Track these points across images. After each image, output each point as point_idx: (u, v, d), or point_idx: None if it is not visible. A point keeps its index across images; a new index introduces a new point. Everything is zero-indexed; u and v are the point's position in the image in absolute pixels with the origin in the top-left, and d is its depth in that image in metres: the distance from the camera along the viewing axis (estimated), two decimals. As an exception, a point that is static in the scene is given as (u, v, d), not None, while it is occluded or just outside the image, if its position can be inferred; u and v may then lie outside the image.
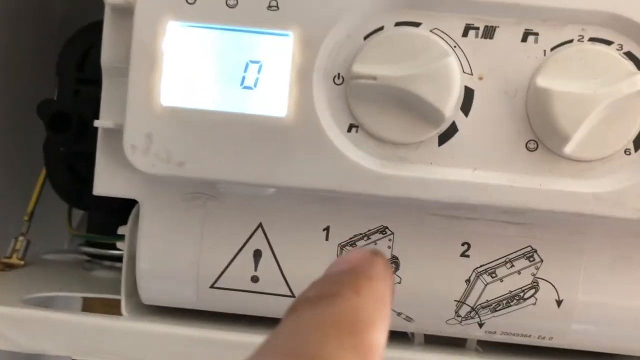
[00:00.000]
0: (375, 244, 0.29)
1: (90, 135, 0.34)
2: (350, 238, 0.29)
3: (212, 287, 0.30)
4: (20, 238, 0.40)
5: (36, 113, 0.36)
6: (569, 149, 0.26)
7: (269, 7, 0.27)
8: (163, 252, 0.30)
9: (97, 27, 0.30)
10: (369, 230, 0.29)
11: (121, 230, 0.32)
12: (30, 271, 0.39)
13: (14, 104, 0.44)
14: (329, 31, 0.27)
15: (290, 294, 0.30)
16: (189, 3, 0.27)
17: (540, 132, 0.26)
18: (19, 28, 0.44)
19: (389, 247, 0.29)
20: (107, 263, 0.43)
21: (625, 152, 0.27)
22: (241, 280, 0.30)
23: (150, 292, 0.31)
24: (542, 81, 0.26)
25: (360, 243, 0.29)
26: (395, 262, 0.29)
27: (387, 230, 0.29)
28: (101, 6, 0.29)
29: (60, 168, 0.38)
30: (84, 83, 0.38)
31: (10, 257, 0.40)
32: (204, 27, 0.27)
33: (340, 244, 0.29)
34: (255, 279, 0.30)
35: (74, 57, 0.39)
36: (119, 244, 0.34)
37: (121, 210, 0.33)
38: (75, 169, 0.38)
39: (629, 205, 0.26)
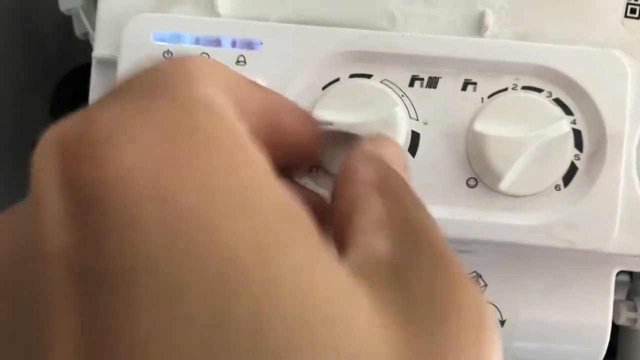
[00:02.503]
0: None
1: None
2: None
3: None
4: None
5: (32, 154, 0.39)
6: (503, 185, 0.29)
7: (238, 61, 0.30)
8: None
9: (87, 69, 0.34)
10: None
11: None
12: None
13: (10, 141, 0.47)
14: (290, 82, 0.30)
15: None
16: (166, 58, 0.30)
17: (478, 170, 0.30)
18: (16, 68, 0.48)
19: (349, 273, 0.32)
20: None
21: (555, 187, 0.30)
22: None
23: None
24: (478, 126, 0.29)
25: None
26: (354, 286, 0.32)
27: (347, 258, 0.33)
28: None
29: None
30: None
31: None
32: (179, 79, 0.30)
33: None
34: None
35: (67, 98, 0.43)
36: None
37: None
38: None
39: (559, 236, 0.29)
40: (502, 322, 0.32)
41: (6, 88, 0.46)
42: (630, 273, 0.37)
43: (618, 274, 0.33)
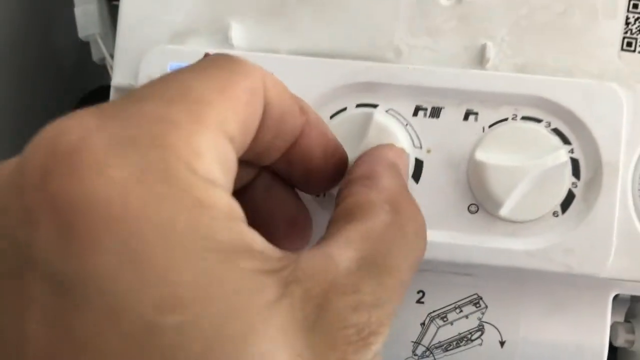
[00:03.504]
0: (343, 291, 0.34)
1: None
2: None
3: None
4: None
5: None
6: (503, 212, 0.30)
7: (249, 91, 0.31)
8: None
9: (104, 91, 0.35)
10: (337, 280, 0.34)
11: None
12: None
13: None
14: (299, 111, 0.31)
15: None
16: (182, 88, 0.32)
17: (479, 197, 0.31)
18: (32, 89, 0.49)
19: (355, 294, 0.34)
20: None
21: (553, 214, 0.31)
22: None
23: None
24: (479, 155, 0.30)
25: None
26: (360, 307, 0.34)
27: (353, 279, 0.34)
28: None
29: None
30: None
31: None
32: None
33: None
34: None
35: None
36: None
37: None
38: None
39: (556, 260, 0.31)
40: (502, 343, 0.33)
41: (21, 109, 0.48)
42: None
43: (617, 296, 0.34)
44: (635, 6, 0.32)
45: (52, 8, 0.50)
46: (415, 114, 0.31)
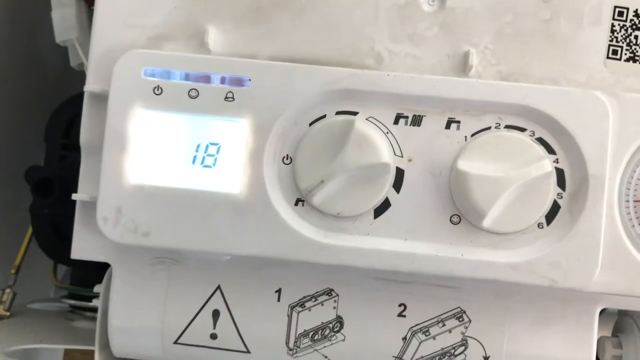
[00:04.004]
0: (322, 305, 0.33)
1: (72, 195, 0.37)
2: (300, 299, 0.33)
3: (175, 342, 0.33)
4: (7, 290, 0.43)
5: (24, 178, 0.39)
6: (486, 223, 0.30)
7: (226, 98, 0.31)
8: (132, 311, 0.33)
9: (82, 98, 0.34)
10: (317, 292, 0.33)
11: (97, 288, 0.35)
12: (16, 322, 0.42)
13: (5, 164, 0.48)
14: (278, 119, 0.30)
15: (245, 350, 0.33)
16: (156, 94, 0.31)
17: (461, 208, 0.30)
18: (13, 95, 0.48)
19: (334, 307, 0.33)
20: (88, 314, 0.46)
21: (538, 225, 0.30)
22: (202, 337, 0.33)
23: (121, 346, 0.34)
24: (461, 164, 0.30)
25: (309, 304, 0.33)
26: (340, 321, 0.33)
27: (332, 292, 0.33)
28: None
29: (45, 228, 0.42)
30: (69, 149, 0.42)
31: (-4, 309, 0.43)
32: (168, 113, 0.31)
33: (290, 304, 0.33)
34: (214, 336, 0.33)
35: (61, 125, 0.43)
36: (95, 301, 0.37)
37: (101, 265, 0.37)
38: (59, 229, 0.42)
39: (541, 273, 0.30)
40: (486, 358, 0.32)
41: (2, 114, 0.47)
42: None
43: (604, 309, 0.33)
44: (620, 14, 0.32)
45: (34, 12, 0.49)
46: (396, 122, 0.31)
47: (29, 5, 0.48)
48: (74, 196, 0.32)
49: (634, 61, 0.32)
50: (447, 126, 0.30)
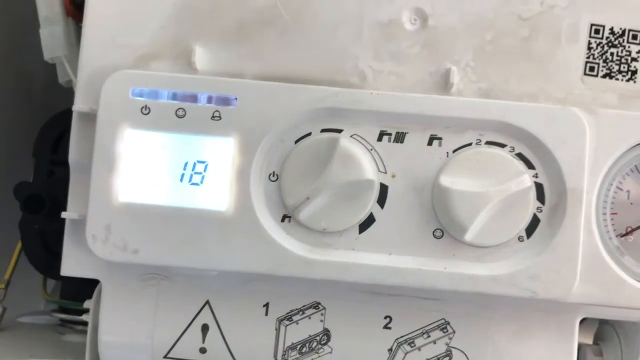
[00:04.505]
0: (310, 318, 0.33)
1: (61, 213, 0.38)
2: (287, 313, 0.33)
3: (165, 357, 0.34)
4: (-3, 305, 0.43)
5: (13, 194, 0.40)
6: (468, 237, 0.30)
7: (213, 117, 0.31)
8: (122, 326, 0.34)
9: (71, 113, 0.34)
10: (304, 306, 0.33)
11: (87, 304, 0.36)
12: (6, 336, 0.43)
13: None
14: (264, 137, 0.31)
15: (234, 363, 0.34)
16: (144, 113, 0.31)
17: (444, 222, 0.31)
18: (3, 111, 0.48)
19: (321, 320, 0.33)
20: (79, 327, 0.46)
21: (519, 239, 0.31)
22: (191, 352, 0.33)
23: (111, 361, 0.35)
24: (444, 180, 0.30)
25: (296, 317, 0.33)
26: (327, 334, 0.33)
27: (319, 305, 0.33)
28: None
29: (35, 243, 0.42)
30: (58, 164, 0.43)
31: (-14, 324, 0.43)
32: (156, 133, 0.31)
33: (278, 318, 0.33)
34: (203, 351, 0.33)
35: (50, 140, 0.43)
36: (84, 316, 0.37)
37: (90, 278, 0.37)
38: (48, 244, 0.42)
39: (522, 285, 0.31)
40: (470, 369, 0.33)
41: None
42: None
43: (585, 318, 0.34)
44: (597, 31, 0.33)
45: (20, 29, 0.49)
46: (379, 139, 0.31)
47: (16, 23, 0.49)
48: (64, 214, 0.33)
49: (610, 77, 0.33)
50: (430, 143, 0.31)
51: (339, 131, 0.31)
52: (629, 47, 0.32)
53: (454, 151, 0.31)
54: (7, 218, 0.46)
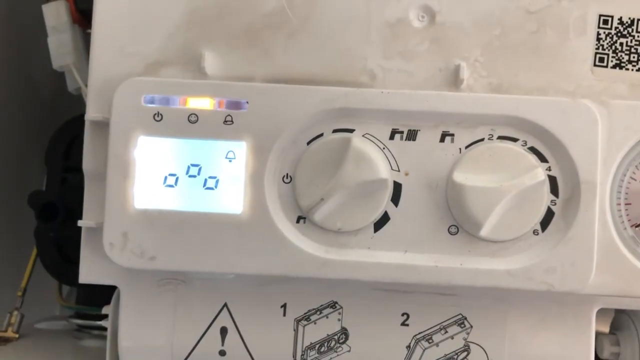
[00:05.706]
0: (327, 317, 0.33)
1: (76, 220, 0.38)
2: (305, 313, 0.34)
3: (185, 360, 0.34)
4: (15, 312, 0.44)
5: (27, 203, 0.40)
6: (483, 232, 0.30)
7: (225, 121, 0.31)
8: (141, 331, 0.34)
9: (81, 119, 0.34)
10: (321, 306, 0.34)
11: (105, 310, 0.36)
12: (25, 344, 0.43)
13: (6, 189, 0.48)
14: (276, 139, 0.31)
15: (254, 364, 0.34)
16: (157, 120, 0.31)
17: (459, 218, 0.31)
18: (11, 118, 0.49)
19: (339, 319, 0.33)
20: (96, 332, 0.47)
21: (534, 232, 0.31)
22: (210, 355, 0.34)
23: (131, 366, 0.35)
24: (457, 176, 0.30)
25: (314, 317, 0.34)
26: (345, 333, 0.33)
27: (337, 304, 0.34)
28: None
29: (50, 250, 0.42)
30: (70, 171, 0.43)
31: (5, 331, 0.43)
32: (169, 139, 0.31)
33: (296, 318, 0.34)
34: (222, 353, 0.34)
35: (61, 148, 0.44)
36: (103, 322, 0.38)
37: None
38: (63, 250, 0.42)
39: (538, 279, 0.31)
40: (489, 363, 0.33)
41: (2, 137, 0.47)
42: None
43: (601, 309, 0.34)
44: (605, 22, 0.32)
45: (29, 37, 0.50)
46: (391, 137, 0.31)
47: (24, 32, 0.49)
48: (80, 223, 0.33)
49: (620, 68, 0.32)
50: (442, 139, 0.31)
51: (351, 131, 0.31)
52: (638, 36, 0.32)
53: (467, 147, 0.31)
54: (21, 226, 0.46)
